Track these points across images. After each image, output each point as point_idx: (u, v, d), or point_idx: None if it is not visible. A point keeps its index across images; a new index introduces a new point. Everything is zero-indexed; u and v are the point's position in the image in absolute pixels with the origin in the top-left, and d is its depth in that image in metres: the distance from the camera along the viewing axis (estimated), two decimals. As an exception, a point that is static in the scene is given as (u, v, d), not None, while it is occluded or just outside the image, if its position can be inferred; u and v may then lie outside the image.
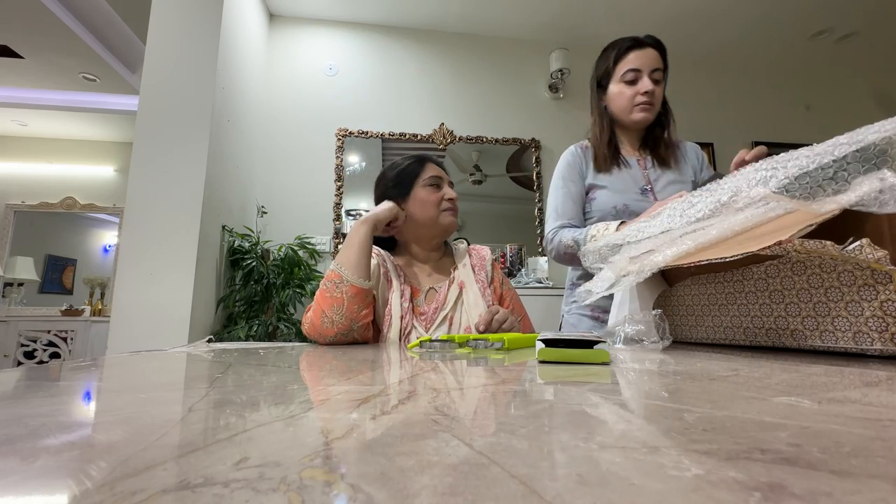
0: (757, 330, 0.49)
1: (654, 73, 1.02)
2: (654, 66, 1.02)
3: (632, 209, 1.01)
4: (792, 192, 0.46)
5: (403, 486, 0.13)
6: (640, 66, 1.02)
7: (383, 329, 0.85)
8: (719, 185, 0.55)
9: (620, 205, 1.02)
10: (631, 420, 0.21)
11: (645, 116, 1.04)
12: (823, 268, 0.43)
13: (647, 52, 1.03)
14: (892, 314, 0.37)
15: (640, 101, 1.03)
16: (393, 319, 0.84)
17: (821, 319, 0.43)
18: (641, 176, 1.06)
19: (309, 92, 2.86)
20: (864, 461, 0.14)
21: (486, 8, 2.90)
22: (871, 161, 0.41)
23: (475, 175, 3.00)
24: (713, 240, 0.49)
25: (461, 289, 0.92)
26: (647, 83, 1.02)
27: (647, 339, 0.55)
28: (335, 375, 0.38)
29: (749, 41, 3.24)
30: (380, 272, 0.91)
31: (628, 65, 1.03)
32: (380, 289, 0.89)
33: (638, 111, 1.04)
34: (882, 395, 0.26)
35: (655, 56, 1.03)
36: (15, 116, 3.55)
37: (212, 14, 2.05)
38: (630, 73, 1.03)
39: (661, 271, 0.63)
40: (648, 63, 1.02)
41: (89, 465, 0.15)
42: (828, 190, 0.43)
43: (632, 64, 1.03)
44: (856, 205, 0.38)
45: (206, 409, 0.24)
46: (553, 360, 0.43)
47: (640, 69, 1.02)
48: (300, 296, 2.26)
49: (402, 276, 0.91)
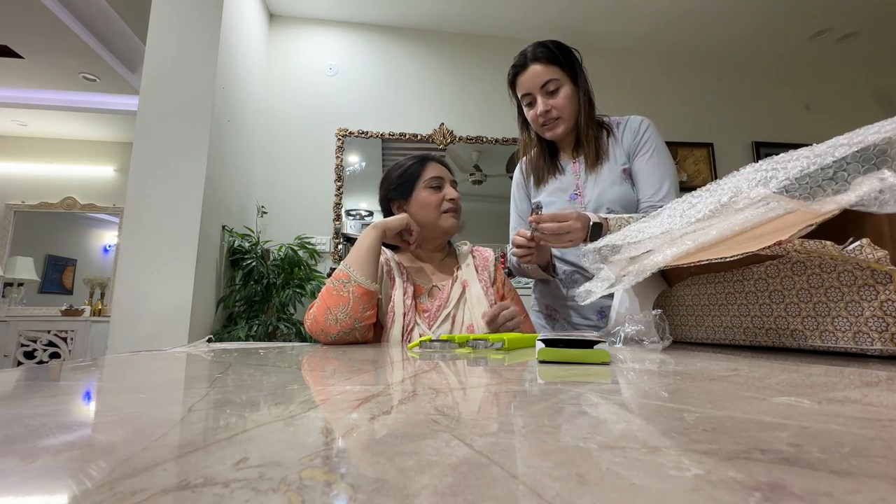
0: (757, 330, 0.49)
1: (545, 86, 0.98)
2: (541, 81, 0.98)
3: None
4: (792, 193, 0.46)
5: (403, 486, 0.13)
6: (528, 90, 1.00)
7: (386, 325, 0.85)
8: (719, 186, 0.55)
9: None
10: (631, 420, 0.21)
11: (553, 134, 1.01)
12: (823, 268, 0.43)
13: (530, 73, 0.99)
14: (892, 314, 0.37)
15: (542, 123, 1.00)
16: (396, 316, 0.85)
17: (821, 319, 0.43)
18: (572, 181, 1.03)
19: (309, 92, 2.86)
20: (864, 461, 0.14)
21: (486, 8, 2.90)
22: (871, 161, 0.41)
23: (475, 175, 3.00)
24: (713, 240, 0.49)
25: (464, 287, 0.92)
26: (539, 105, 0.99)
27: (647, 339, 0.55)
28: (335, 375, 0.38)
29: (749, 41, 3.24)
30: (383, 270, 0.91)
31: (520, 91, 1.02)
32: (383, 286, 0.89)
33: (546, 131, 1.02)
34: (882, 395, 0.26)
35: (541, 70, 0.98)
36: (15, 116, 3.55)
37: (212, 14, 2.05)
38: (525, 97, 1.02)
39: (661, 271, 0.64)
40: (535, 82, 0.98)
41: (89, 465, 0.15)
42: (828, 190, 0.43)
43: (521, 90, 1.01)
44: (856, 205, 0.38)
45: (206, 409, 0.24)
46: (553, 360, 0.43)
47: (529, 93, 1.00)
48: (300, 296, 2.26)
49: (405, 275, 0.91)
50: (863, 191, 0.38)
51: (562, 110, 0.99)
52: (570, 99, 0.99)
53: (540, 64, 0.98)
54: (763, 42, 3.25)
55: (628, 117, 1.05)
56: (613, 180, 0.99)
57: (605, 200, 0.98)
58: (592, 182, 1.01)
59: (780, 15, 2.98)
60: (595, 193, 0.99)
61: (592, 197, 0.99)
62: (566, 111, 0.99)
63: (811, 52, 3.38)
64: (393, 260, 0.94)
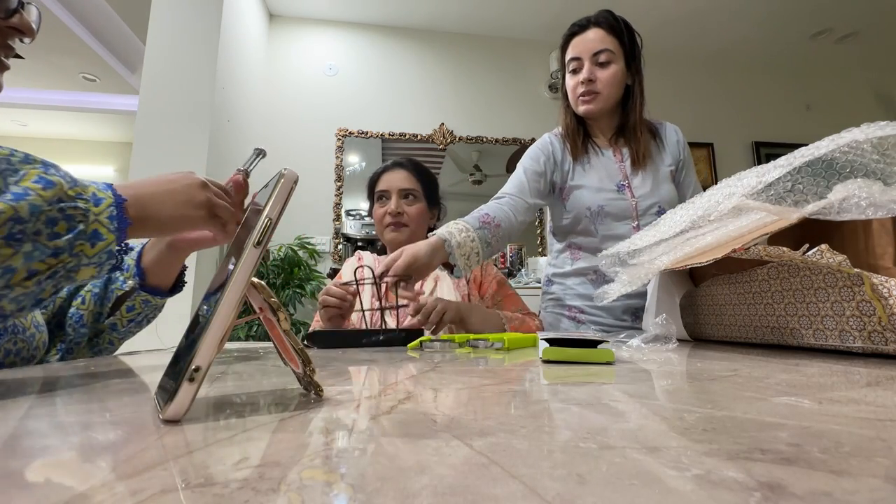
0: (764, 329, 0.51)
1: (597, 55, 0.91)
2: (596, 48, 0.91)
3: (607, 210, 0.94)
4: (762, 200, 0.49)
5: (403, 486, 0.13)
6: (578, 54, 0.93)
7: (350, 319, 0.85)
8: (702, 197, 0.59)
9: (595, 206, 0.94)
10: (631, 420, 0.21)
11: (587, 108, 0.95)
12: (813, 270, 0.44)
13: (587, 36, 0.93)
14: (868, 314, 0.40)
15: (580, 92, 0.94)
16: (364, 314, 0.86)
17: (813, 318, 0.45)
18: (616, 170, 0.97)
19: (309, 92, 2.86)
20: (863, 461, 0.14)
21: (485, 8, 2.90)
22: (821, 175, 0.46)
23: (475, 175, 3.00)
24: (709, 245, 0.52)
25: (436, 282, 0.94)
26: (585, 71, 0.92)
27: (659, 341, 0.56)
28: (335, 376, 0.38)
29: (749, 41, 3.24)
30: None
31: (569, 54, 0.96)
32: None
33: (580, 103, 0.95)
34: (882, 395, 0.26)
35: (600, 36, 0.92)
36: (15, 116, 3.55)
37: (211, 14, 2.05)
38: (572, 62, 0.95)
39: (689, 271, 0.67)
40: (589, 47, 0.92)
41: (89, 465, 0.15)
42: (788, 201, 0.47)
43: (571, 52, 0.95)
44: (815, 214, 0.41)
45: (206, 409, 0.24)
46: (557, 359, 0.43)
47: (579, 57, 0.93)
48: (300, 296, 2.26)
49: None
50: (826, 202, 0.41)
51: (605, 86, 0.93)
52: (617, 78, 0.93)
53: (601, 30, 0.93)
54: (763, 42, 3.25)
55: (663, 123, 1.03)
56: (663, 178, 0.96)
57: (658, 197, 0.94)
58: (641, 177, 0.96)
59: (781, 15, 2.98)
60: (647, 188, 0.95)
61: (645, 191, 0.94)
62: (608, 89, 0.93)
63: (811, 52, 3.38)
64: (371, 264, 0.93)
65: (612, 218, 0.94)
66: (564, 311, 0.99)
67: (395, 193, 0.98)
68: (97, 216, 0.35)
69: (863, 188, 0.39)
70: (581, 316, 0.97)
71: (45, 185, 0.32)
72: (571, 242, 1.00)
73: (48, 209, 0.32)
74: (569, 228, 0.99)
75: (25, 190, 0.31)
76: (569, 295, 0.99)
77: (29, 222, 0.30)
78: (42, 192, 0.32)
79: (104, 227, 0.35)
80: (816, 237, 0.46)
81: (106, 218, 0.35)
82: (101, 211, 0.35)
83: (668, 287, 0.68)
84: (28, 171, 0.32)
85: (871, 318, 0.39)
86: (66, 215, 0.33)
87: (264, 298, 0.26)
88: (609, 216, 0.94)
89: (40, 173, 0.33)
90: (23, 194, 0.31)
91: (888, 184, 0.41)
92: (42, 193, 0.32)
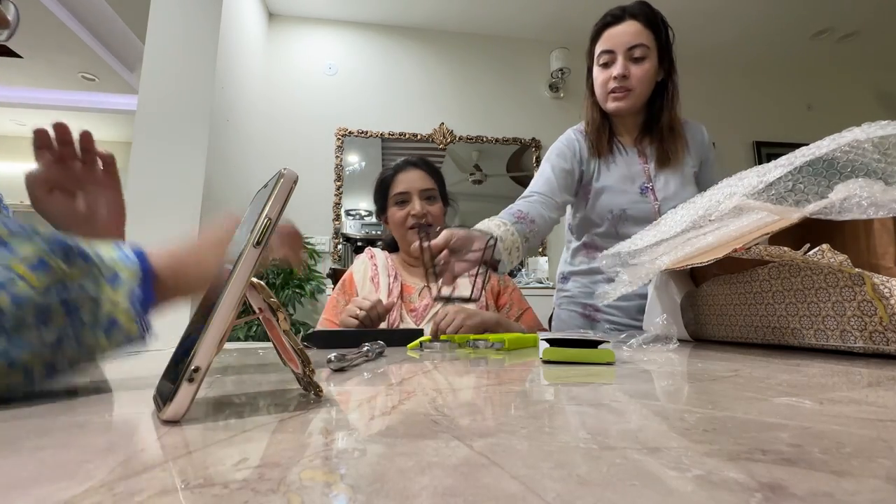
0: (765, 329, 0.51)
1: (632, 50, 0.87)
2: (631, 42, 0.87)
3: (630, 213, 0.92)
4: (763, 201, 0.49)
5: (403, 486, 0.13)
6: (612, 47, 0.89)
7: None
8: (702, 197, 0.59)
9: (618, 209, 0.93)
10: (632, 420, 0.21)
11: (617, 106, 0.91)
12: (814, 270, 0.44)
13: (622, 29, 0.88)
14: (868, 313, 0.40)
15: (611, 88, 0.90)
16: None
17: (814, 318, 0.45)
18: (641, 171, 0.95)
19: (308, 91, 2.86)
20: (864, 462, 0.14)
21: (486, 8, 2.90)
22: (822, 174, 0.46)
23: (475, 175, 3.00)
24: (710, 244, 0.52)
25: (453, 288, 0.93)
26: (618, 66, 0.88)
27: (660, 341, 0.56)
28: (335, 376, 0.38)
29: (750, 41, 3.24)
30: (367, 277, 0.91)
31: (601, 46, 0.91)
32: (365, 291, 0.90)
33: (611, 100, 0.91)
34: (883, 395, 0.26)
35: (635, 30, 0.87)
36: (14, 116, 3.55)
37: (211, 14, 2.05)
38: (604, 55, 0.90)
39: (690, 271, 0.67)
40: (624, 41, 0.87)
41: (89, 465, 0.15)
42: (789, 201, 0.47)
43: (604, 45, 0.90)
44: (816, 213, 0.41)
45: (206, 410, 0.24)
46: (558, 359, 0.43)
47: (612, 50, 0.89)
48: (300, 296, 2.26)
49: (395, 275, 0.92)
50: (827, 201, 0.41)
51: (639, 83, 0.89)
52: (650, 75, 0.90)
53: (638, 22, 0.88)
54: (764, 42, 3.25)
55: (688, 122, 1.00)
56: (687, 181, 0.94)
57: (681, 200, 0.90)
58: (664, 179, 0.93)
59: (781, 15, 2.98)
60: (671, 191, 0.92)
61: (668, 194, 0.92)
62: (642, 86, 0.90)
63: (812, 52, 3.38)
64: (382, 263, 0.94)
65: (633, 221, 0.92)
66: (579, 308, 0.99)
67: (416, 195, 0.95)
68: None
69: (864, 188, 0.39)
70: (596, 314, 0.96)
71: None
72: (589, 241, 0.99)
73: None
74: (589, 227, 0.98)
75: None
76: (585, 293, 0.98)
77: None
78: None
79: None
80: (817, 237, 0.46)
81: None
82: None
83: (669, 287, 0.68)
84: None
85: (873, 318, 0.39)
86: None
87: (264, 299, 0.26)
88: (630, 219, 0.92)
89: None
90: None
91: (889, 183, 0.41)
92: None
